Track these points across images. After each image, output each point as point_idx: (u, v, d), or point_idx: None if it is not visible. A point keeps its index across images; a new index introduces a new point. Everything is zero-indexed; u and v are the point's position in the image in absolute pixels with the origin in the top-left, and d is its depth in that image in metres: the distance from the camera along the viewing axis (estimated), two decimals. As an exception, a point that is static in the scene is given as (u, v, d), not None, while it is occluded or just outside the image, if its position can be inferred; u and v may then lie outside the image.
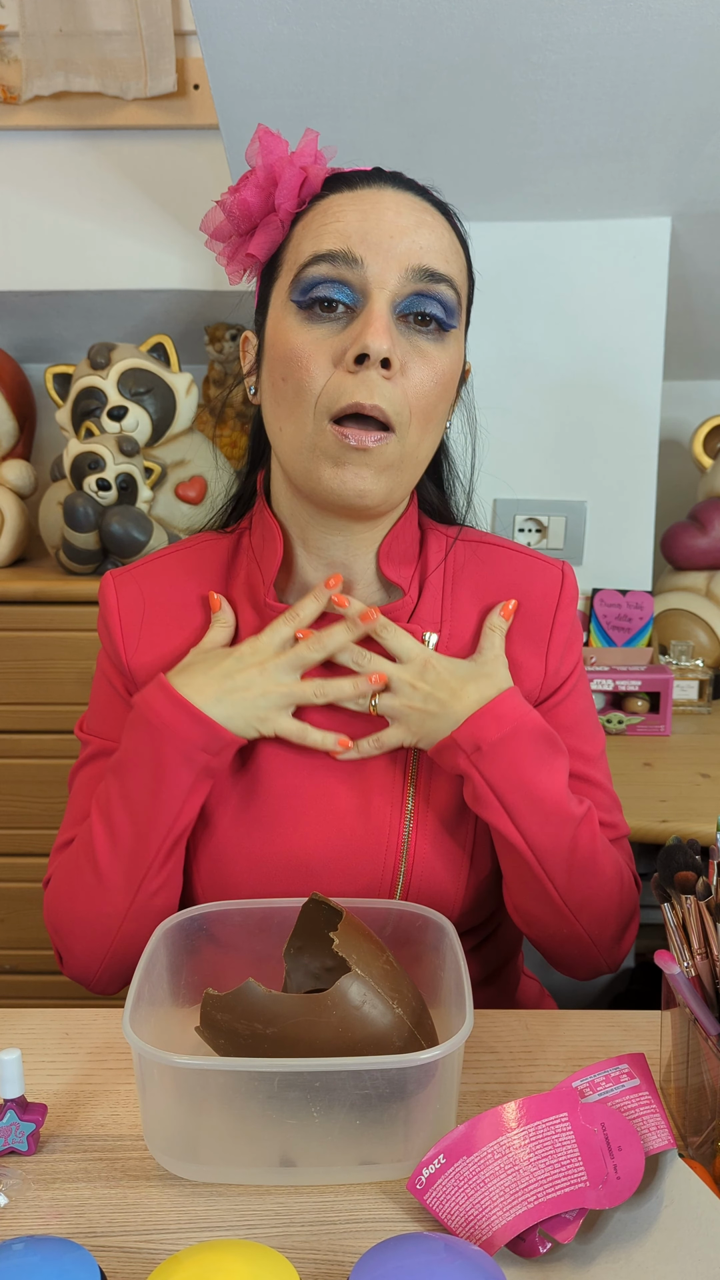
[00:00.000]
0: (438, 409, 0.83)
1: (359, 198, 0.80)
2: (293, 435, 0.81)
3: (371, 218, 0.79)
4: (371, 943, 0.74)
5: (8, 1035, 0.83)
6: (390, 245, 0.78)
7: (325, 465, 0.80)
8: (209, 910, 0.82)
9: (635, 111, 1.46)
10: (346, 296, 0.79)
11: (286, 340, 0.80)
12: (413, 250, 0.79)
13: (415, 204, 0.81)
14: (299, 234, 0.82)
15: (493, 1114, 0.65)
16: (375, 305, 0.78)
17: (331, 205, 0.81)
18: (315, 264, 0.79)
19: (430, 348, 0.81)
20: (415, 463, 0.84)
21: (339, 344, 0.79)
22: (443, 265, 0.80)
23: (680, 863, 0.74)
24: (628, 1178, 0.63)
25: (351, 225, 0.79)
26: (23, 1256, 0.56)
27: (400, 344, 0.79)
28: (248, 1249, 0.57)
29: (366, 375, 0.77)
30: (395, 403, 0.79)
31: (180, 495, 1.79)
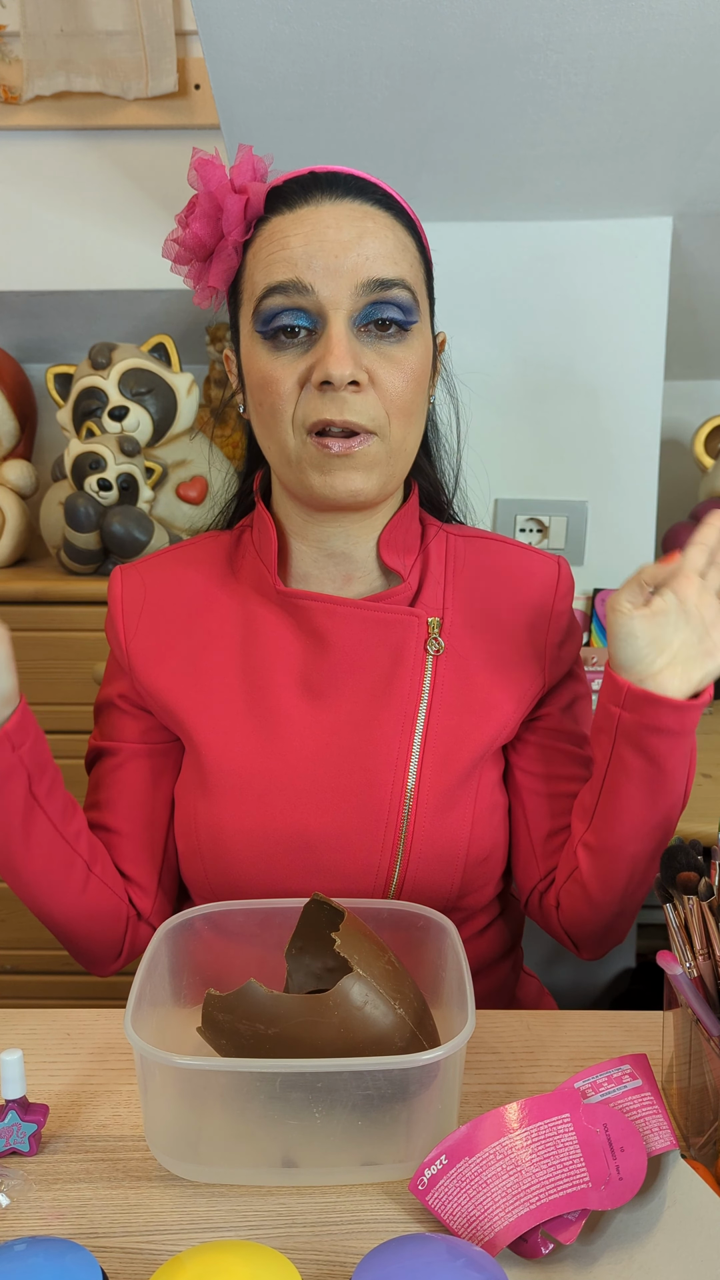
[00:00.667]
0: (415, 402, 0.85)
1: (300, 219, 0.83)
2: (278, 451, 0.85)
3: (314, 240, 0.81)
4: (373, 943, 0.74)
5: (9, 1036, 0.83)
6: (337, 265, 0.81)
7: (313, 474, 0.84)
8: (210, 910, 0.82)
9: (637, 111, 1.46)
10: (305, 321, 0.82)
11: (258, 368, 0.84)
12: (359, 264, 0.81)
13: (354, 211, 0.83)
14: (251, 263, 0.85)
15: (495, 1115, 0.65)
16: (333, 328, 0.81)
17: (276, 231, 0.83)
18: (270, 296, 0.82)
19: (395, 350, 0.83)
20: (405, 454, 0.87)
21: (305, 365, 0.82)
22: (392, 270, 0.82)
23: (682, 863, 0.74)
24: (630, 1179, 0.63)
25: (297, 252, 0.81)
26: (25, 1257, 0.56)
27: (365, 354, 0.82)
28: (250, 1250, 0.57)
29: (335, 395, 0.81)
30: (369, 411, 0.82)
31: (181, 495, 1.79)
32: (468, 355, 0.97)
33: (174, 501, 1.79)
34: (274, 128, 1.51)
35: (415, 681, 0.90)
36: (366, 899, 0.85)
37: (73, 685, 1.69)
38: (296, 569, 0.93)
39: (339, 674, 0.89)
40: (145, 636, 0.93)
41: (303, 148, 1.54)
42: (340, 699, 0.89)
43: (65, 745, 1.71)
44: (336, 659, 0.89)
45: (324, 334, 0.81)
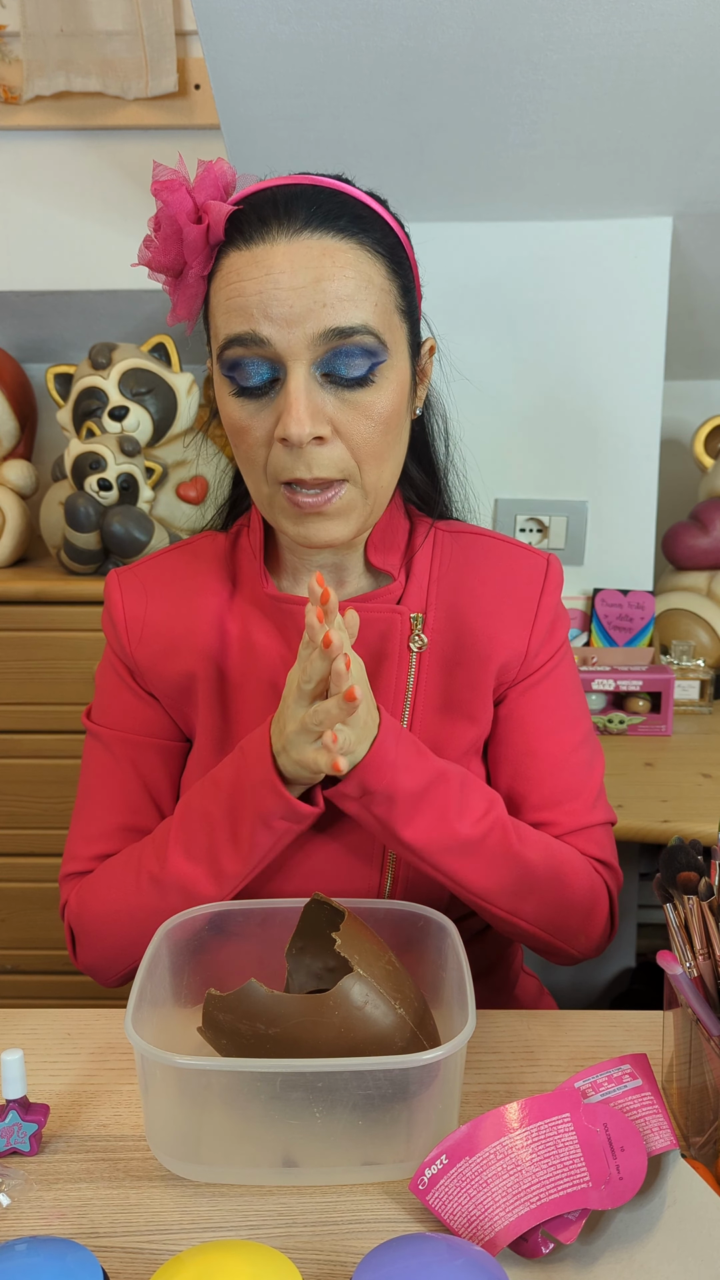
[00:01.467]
0: (386, 443, 0.83)
1: (254, 259, 0.78)
2: (255, 493, 0.85)
3: (268, 287, 0.77)
4: (374, 943, 0.74)
5: (10, 1035, 0.83)
6: (290, 315, 0.77)
7: (288, 524, 0.84)
8: (211, 910, 0.82)
9: (636, 111, 1.46)
10: (267, 371, 0.79)
11: (228, 413, 0.83)
12: (315, 312, 0.77)
13: (310, 249, 0.77)
14: (213, 299, 0.82)
15: (495, 1114, 0.65)
16: (290, 382, 0.78)
17: (231, 270, 0.79)
18: (230, 347, 0.79)
19: (361, 397, 0.80)
20: (380, 492, 0.85)
21: (270, 419, 0.80)
22: (352, 315, 0.78)
23: (682, 863, 0.74)
24: (630, 1178, 0.63)
25: (251, 300, 0.77)
26: (25, 1257, 0.56)
27: (328, 403, 0.79)
28: (250, 1249, 0.57)
29: (300, 452, 0.79)
30: (338, 463, 0.80)
31: (181, 495, 1.79)
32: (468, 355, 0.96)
33: (174, 501, 1.79)
34: (274, 128, 1.51)
35: (399, 678, 0.90)
36: (366, 899, 0.85)
37: (73, 685, 1.69)
38: (290, 570, 0.93)
39: None
40: (151, 643, 0.92)
41: (302, 148, 1.54)
42: None
43: (66, 745, 1.71)
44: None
45: (284, 386, 0.78)
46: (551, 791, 0.92)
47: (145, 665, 0.92)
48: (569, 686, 0.95)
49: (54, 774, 1.73)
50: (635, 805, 1.39)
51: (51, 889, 1.74)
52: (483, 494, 1.02)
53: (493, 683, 0.91)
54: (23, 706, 1.72)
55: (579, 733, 0.94)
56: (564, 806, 0.92)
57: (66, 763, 1.72)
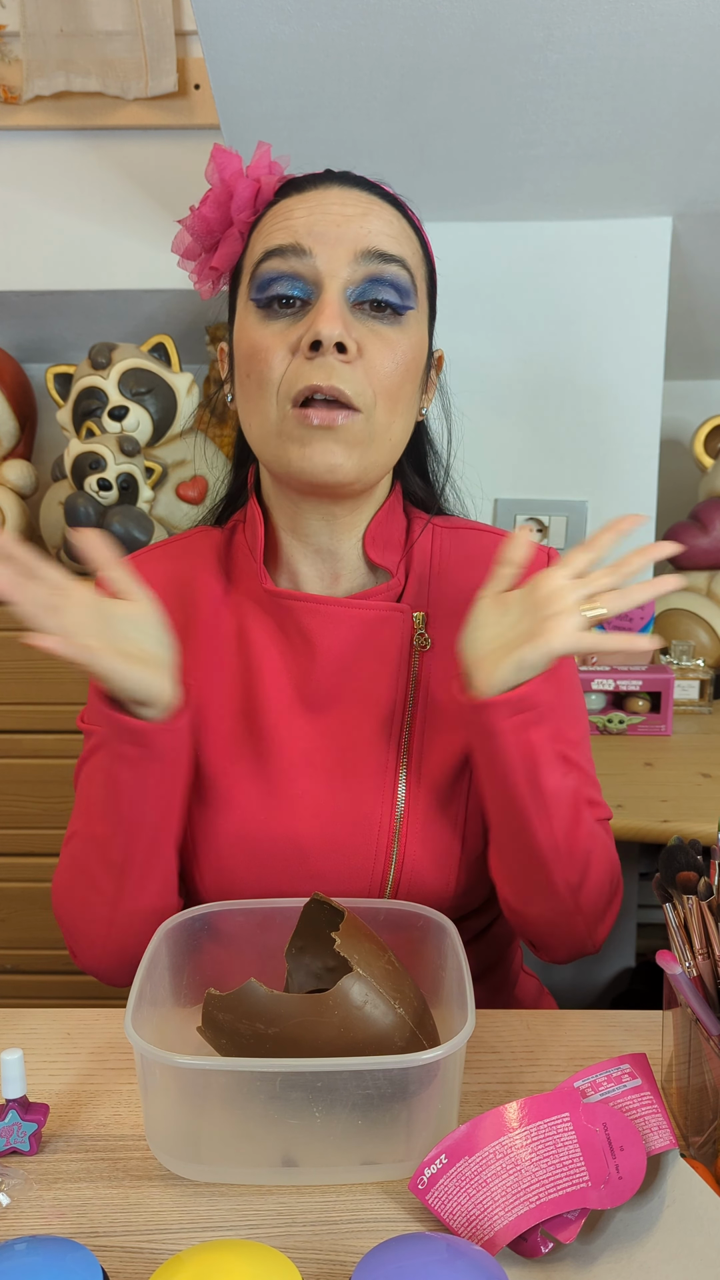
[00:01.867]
0: (403, 389, 0.85)
1: (307, 198, 0.84)
2: (259, 424, 0.84)
3: (318, 211, 0.82)
4: (373, 942, 0.74)
5: (9, 1035, 0.83)
6: (338, 234, 0.81)
7: (292, 447, 0.83)
8: (211, 910, 0.82)
9: (636, 111, 1.46)
10: (300, 290, 0.82)
11: (249, 337, 0.84)
12: (360, 234, 0.82)
13: (362, 196, 0.84)
14: (254, 240, 0.86)
15: (494, 1114, 0.65)
16: (327, 294, 0.81)
17: (282, 209, 0.84)
18: (267, 259, 0.82)
19: (388, 331, 0.83)
20: (388, 443, 0.85)
21: (295, 334, 0.82)
22: (393, 246, 0.83)
23: (682, 863, 0.74)
24: (629, 1178, 0.63)
25: (299, 221, 0.82)
26: (25, 1256, 0.56)
27: (356, 328, 0.82)
28: (250, 1249, 0.57)
29: (323, 360, 0.80)
30: (355, 384, 0.81)
31: (181, 495, 1.79)
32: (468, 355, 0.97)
33: (174, 501, 1.79)
34: (274, 128, 1.51)
35: (402, 679, 0.90)
36: (366, 899, 0.85)
37: (73, 685, 1.69)
38: (287, 566, 0.92)
39: (327, 677, 0.89)
40: None
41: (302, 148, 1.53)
42: (329, 702, 0.89)
43: (66, 744, 1.71)
44: (325, 661, 0.89)
45: (318, 301, 0.81)
46: None
47: None
48: (571, 682, 0.95)
49: (54, 774, 1.73)
50: (635, 805, 1.39)
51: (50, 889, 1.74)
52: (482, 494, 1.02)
53: None
54: (23, 706, 1.72)
55: (581, 727, 0.94)
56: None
57: (67, 763, 1.71)
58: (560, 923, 0.88)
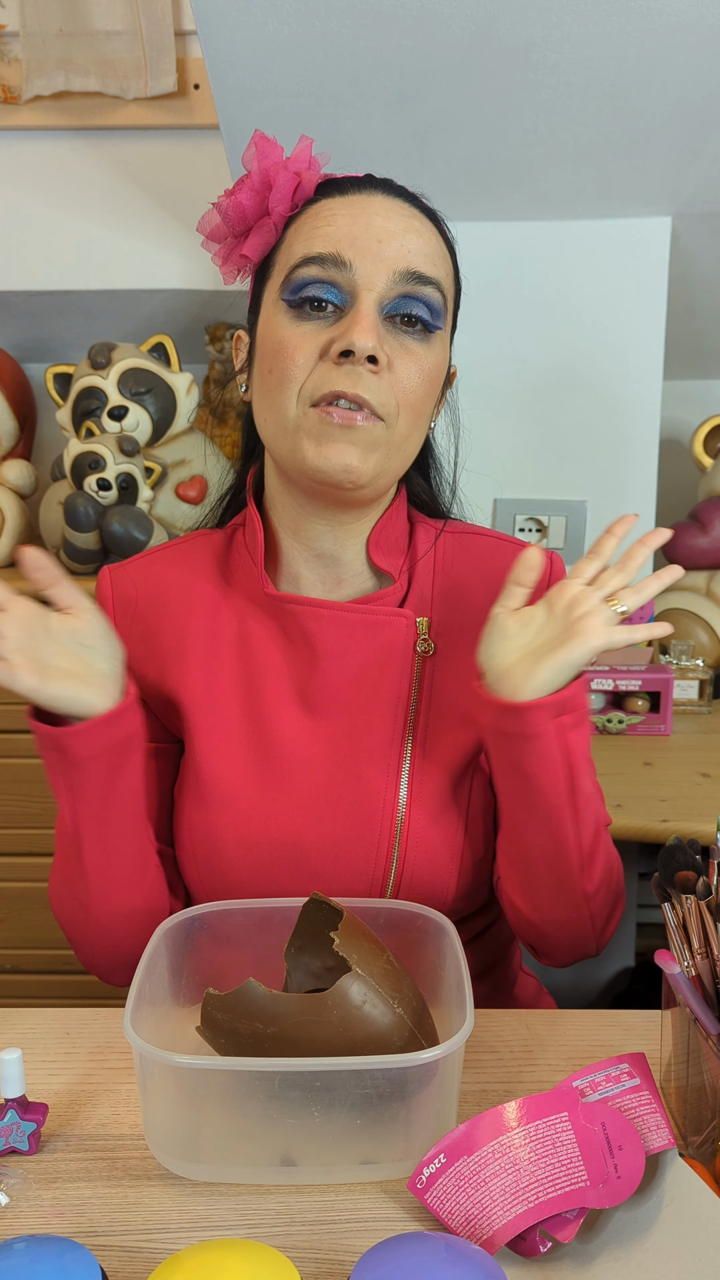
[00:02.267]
0: (425, 404, 0.85)
1: (349, 202, 0.83)
2: (277, 420, 0.84)
3: (361, 222, 0.82)
4: (372, 942, 0.74)
5: (8, 1035, 0.83)
6: (379, 249, 0.81)
7: (308, 444, 0.82)
8: (209, 910, 0.82)
9: (635, 111, 1.46)
10: (335, 297, 0.82)
11: (275, 334, 0.83)
12: (400, 254, 0.82)
13: (404, 210, 0.84)
14: (291, 236, 0.85)
15: (493, 1113, 0.65)
16: (363, 305, 0.81)
17: (323, 209, 0.84)
18: (305, 265, 0.82)
19: (417, 346, 0.84)
20: (402, 454, 0.86)
21: (326, 338, 0.82)
22: (430, 268, 0.83)
23: (680, 862, 0.74)
24: (628, 1177, 0.63)
25: (341, 229, 0.82)
26: (24, 1256, 0.56)
27: (388, 341, 0.82)
28: (249, 1248, 0.57)
29: (352, 368, 0.80)
30: (381, 395, 0.81)
31: (181, 495, 1.79)
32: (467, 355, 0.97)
33: (173, 501, 1.79)
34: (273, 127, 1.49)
35: (404, 684, 0.90)
36: (365, 899, 0.85)
37: (72, 685, 1.69)
38: (287, 570, 0.92)
39: (329, 681, 0.89)
40: (140, 640, 0.92)
41: (302, 148, 1.54)
42: (332, 705, 0.89)
43: (65, 745, 1.71)
44: (326, 665, 0.89)
45: (352, 310, 0.81)
46: None
47: (136, 663, 0.91)
48: None
49: (53, 774, 1.73)
50: (634, 805, 1.39)
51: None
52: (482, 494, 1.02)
53: None
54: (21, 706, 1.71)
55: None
56: None
57: (66, 762, 1.72)
58: (571, 928, 0.88)
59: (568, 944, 0.90)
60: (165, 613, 0.93)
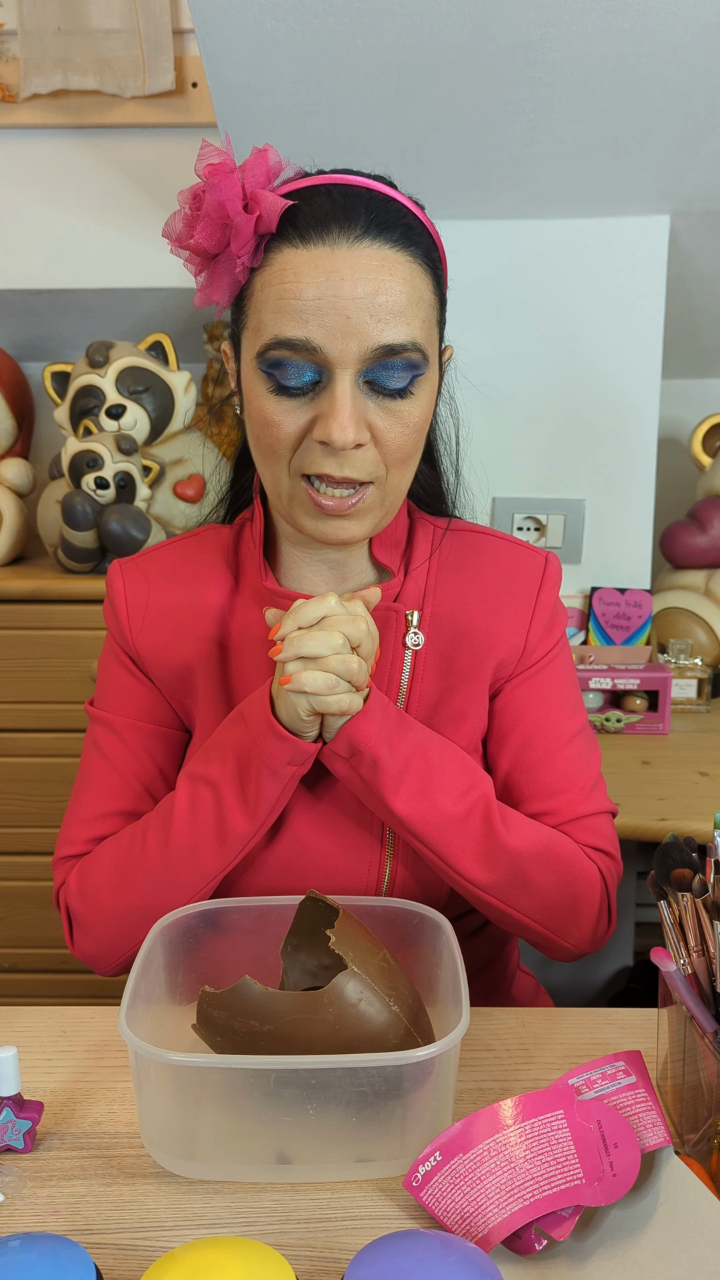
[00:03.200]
0: (415, 448, 0.84)
1: (314, 261, 0.78)
2: (272, 485, 0.85)
3: (328, 293, 0.77)
4: (368, 940, 0.74)
5: (4, 1033, 0.83)
6: (347, 327, 0.77)
7: (305, 519, 0.84)
8: (206, 907, 0.82)
9: (634, 109, 1.46)
10: (311, 374, 0.79)
11: (258, 406, 0.82)
12: (371, 326, 0.77)
13: (371, 258, 0.78)
14: (260, 293, 0.81)
15: (489, 1111, 0.65)
16: (338, 388, 0.78)
17: (287, 268, 0.79)
18: (277, 348, 0.79)
19: (400, 405, 0.81)
20: (398, 494, 0.86)
21: (307, 415, 0.80)
22: (403, 333, 0.79)
23: (676, 860, 0.74)
24: (624, 1175, 0.63)
25: (309, 304, 0.77)
26: (19, 1253, 0.56)
27: (369, 410, 0.80)
28: (244, 1246, 0.57)
29: (336, 454, 0.80)
30: (368, 466, 0.81)
31: (178, 494, 1.79)
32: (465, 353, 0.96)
33: (171, 500, 1.79)
34: (271, 125, 1.51)
35: (393, 677, 0.90)
36: (361, 896, 0.85)
37: (71, 683, 1.69)
38: (290, 566, 0.93)
39: None
40: (153, 632, 0.93)
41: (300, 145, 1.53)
42: None
43: (63, 743, 1.71)
44: None
45: (328, 391, 0.79)
46: (549, 781, 0.91)
47: (146, 654, 0.93)
48: (565, 680, 0.95)
49: (51, 773, 1.73)
50: (632, 804, 1.39)
51: (47, 887, 1.74)
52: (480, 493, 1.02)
53: (489, 679, 0.91)
54: (20, 705, 1.72)
55: (575, 724, 0.94)
56: (562, 796, 0.91)
57: (64, 761, 1.72)
58: (527, 933, 0.89)
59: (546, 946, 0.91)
60: (175, 605, 0.93)
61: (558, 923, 0.89)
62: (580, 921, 0.90)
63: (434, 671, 0.91)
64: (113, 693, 0.96)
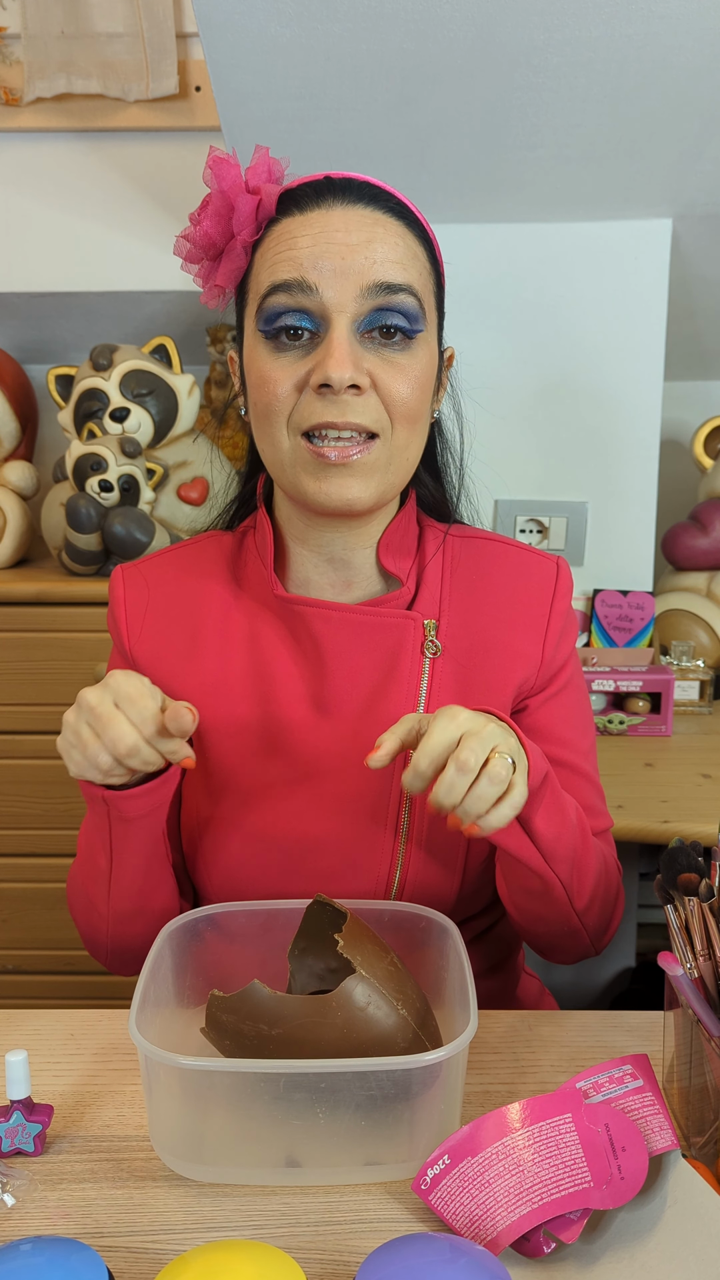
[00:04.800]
0: (419, 408, 0.84)
1: (309, 221, 0.81)
2: (272, 452, 0.85)
3: (322, 240, 0.80)
4: (376, 944, 0.74)
5: (13, 1036, 0.84)
6: (343, 267, 0.80)
7: (308, 480, 0.83)
8: (214, 911, 0.82)
9: (636, 113, 1.46)
10: (308, 323, 0.81)
11: (258, 368, 0.83)
12: (366, 267, 0.80)
13: (365, 217, 0.81)
14: (258, 263, 0.84)
15: (497, 1115, 0.65)
16: (335, 332, 0.80)
17: (284, 232, 0.82)
18: (273, 294, 0.81)
19: (399, 357, 0.82)
20: (405, 462, 0.86)
21: (304, 368, 0.81)
22: (399, 275, 0.81)
23: (683, 865, 0.75)
24: (631, 1178, 0.64)
25: (304, 252, 0.80)
26: (30, 1257, 0.57)
27: (367, 359, 0.81)
28: (255, 1249, 0.57)
29: (335, 399, 0.80)
30: (371, 413, 0.81)
31: (182, 496, 1.79)
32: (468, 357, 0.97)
33: (175, 503, 1.79)
34: (275, 130, 1.51)
35: (413, 685, 0.90)
36: (369, 900, 0.86)
37: (74, 686, 1.69)
38: (297, 574, 0.92)
39: (338, 682, 0.89)
40: (151, 638, 0.93)
41: (303, 150, 1.54)
42: (341, 707, 0.89)
43: (67, 746, 1.71)
44: (335, 667, 0.89)
45: (326, 338, 0.80)
46: (577, 797, 0.92)
47: (145, 661, 0.92)
48: (583, 693, 0.97)
49: (55, 775, 1.73)
50: (635, 805, 1.39)
51: (53, 889, 1.75)
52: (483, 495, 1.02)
53: (513, 694, 0.91)
54: (24, 707, 1.72)
55: (589, 740, 0.96)
56: (588, 811, 0.93)
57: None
58: (565, 937, 0.90)
59: (562, 951, 0.92)
60: (177, 612, 0.93)
61: (598, 929, 0.90)
62: (610, 928, 0.93)
63: (451, 680, 0.91)
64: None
